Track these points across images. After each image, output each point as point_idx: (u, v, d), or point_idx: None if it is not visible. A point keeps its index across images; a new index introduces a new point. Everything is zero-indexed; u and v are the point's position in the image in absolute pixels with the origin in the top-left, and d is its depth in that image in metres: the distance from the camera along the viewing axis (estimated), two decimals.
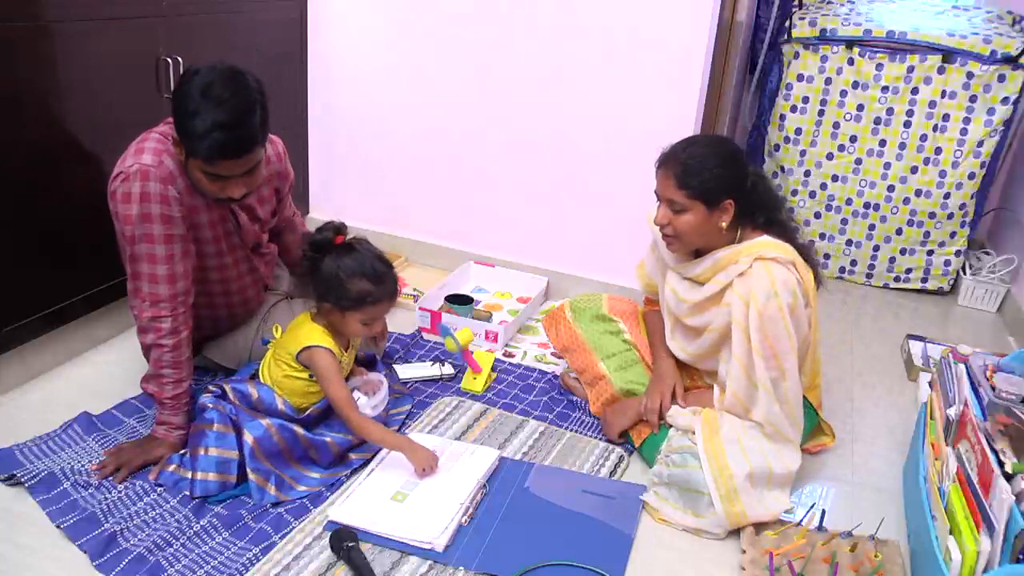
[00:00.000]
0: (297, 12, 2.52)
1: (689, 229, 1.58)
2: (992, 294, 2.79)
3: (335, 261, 1.57)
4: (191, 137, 1.46)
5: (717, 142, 1.60)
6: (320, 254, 1.59)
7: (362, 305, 1.58)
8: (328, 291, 1.58)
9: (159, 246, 1.54)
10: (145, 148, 1.54)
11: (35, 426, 1.68)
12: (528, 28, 2.32)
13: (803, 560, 1.41)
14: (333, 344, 1.61)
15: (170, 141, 1.56)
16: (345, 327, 1.62)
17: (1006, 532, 1.16)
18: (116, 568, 1.32)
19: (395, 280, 1.64)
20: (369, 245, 1.64)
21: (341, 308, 1.59)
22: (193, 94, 1.45)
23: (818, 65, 2.77)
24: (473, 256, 2.64)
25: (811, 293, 1.61)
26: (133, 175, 1.50)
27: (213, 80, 1.46)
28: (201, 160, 1.49)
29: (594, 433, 1.83)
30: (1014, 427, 1.31)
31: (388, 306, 1.63)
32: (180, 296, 1.59)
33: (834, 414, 1.99)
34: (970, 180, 2.70)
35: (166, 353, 1.58)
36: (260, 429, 1.55)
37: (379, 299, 1.59)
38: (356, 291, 1.57)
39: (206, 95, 1.45)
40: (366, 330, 1.63)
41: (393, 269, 1.65)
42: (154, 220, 1.52)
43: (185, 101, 1.46)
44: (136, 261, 1.54)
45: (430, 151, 2.59)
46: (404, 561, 1.39)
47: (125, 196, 1.51)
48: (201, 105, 1.44)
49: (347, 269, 1.57)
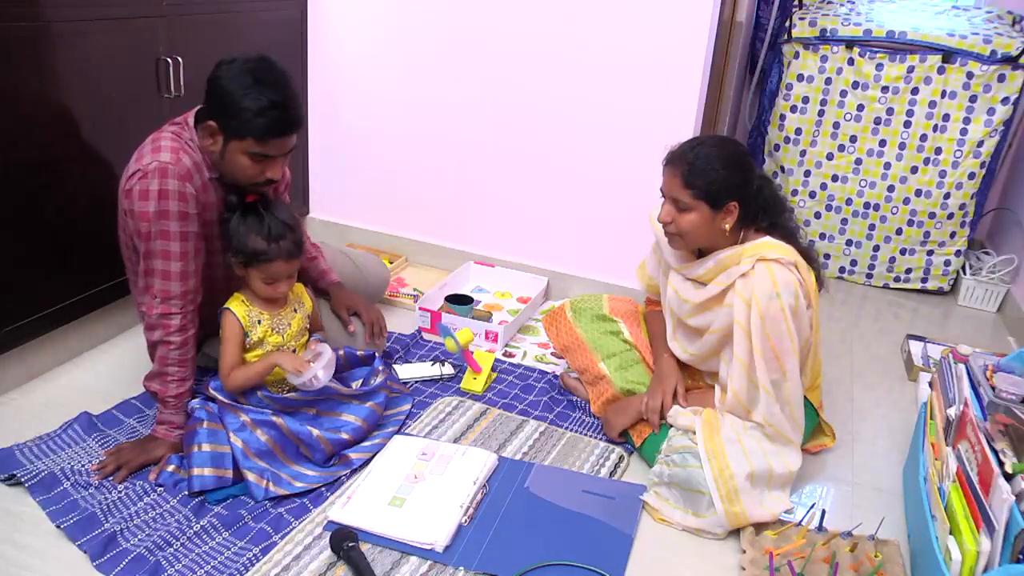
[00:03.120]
0: (297, 12, 2.52)
1: (692, 228, 1.58)
2: (992, 294, 2.79)
3: (239, 219, 1.60)
4: (242, 118, 1.51)
5: (725, 144, 1.60)
6: (231, 213, 1.62)
7: (257, 262, 1.60)
8: (232, 247, 1.61)
9: (174, 243, 1.55)
10: (162, 146, 1.56)
11: (35, 426, 1.68)
12: (528, 29, 2.32)
13: (803, 560, 1.41)
14: (241, 308, 1.64)
15: (185, 138, 1.59)
16: (252, 285, 1.65)
17: (1006, 532, 1.16)
18: (116, 568, 1.32)
19: (296, 241, 1.63)
20: (280, 208, 1.64)
21: (244, 265, 1.62)
22: (240, 78, 1.51)
23: (818, 65, 2.77)
24: (473, 256, 2.64)
25: (813, 294, 1.61)
26: (152, 172, 1.52)
27: (256, 65, 1.53)
28: (252, 140, 1.53)
29: (594, 433, 1.83)
30: (1014, 427, 1.32)
31: (284, 266, 1.63)
32: (190, 294, 1.60)
33: (834, 414, 1.99)
34: (970, 180, 2.70)
35: (173, 350, 1.59)
36: (245, 431, 1.56)
37: (272, 257, 1.60)
38: (251, 247, 1.59)
39: (256, 77, 1.52)
40: (271, 290, 1.64)
41: (296, 230, 1.64)
42: (171, 217, 1.54)
43: (232, 85, 1.51)
44: (150, 257, 1.56)
45: (430, 151, 2.59)
46: (404, 561, 1.39)
47: (143, 193, 1.52)
48: (253, 86, 1.51)
49: (246, 225, 1.59)
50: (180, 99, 2.02)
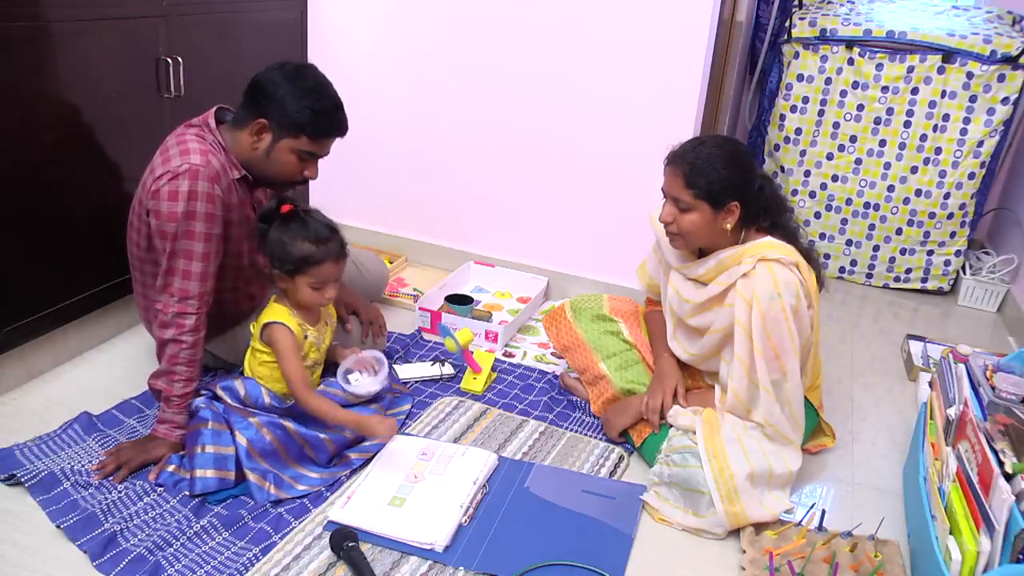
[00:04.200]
0: (297, 12, 2.52)
1: (693, 228, 1.58)
2: (992, 294, 2.79)
3: (280, 228, 1.60)
4: (301, 117, 1.60)
5: (727, 143, 1.60)
6: (267, 224, 1.62)
7: (306, 267, 1.59)
8: (274, 258, 1.60)
9: (198, 243, 1.57)
10: (190, 148, 1.59)
11: (35, 426, 1.68)
12: (528, 28, 2.32)
13: (803, 560, 1.41)
14: (292, 321, 1.62)
15: (209, 140, 1.62)
16: (298, 296, 1.63)
17: (1006, 532, 1.16)
18: (116, 568, 1.32)
19: (340, 242, 1.64)
20: (317, 213, 1.65)
21: (289, 274, 1.61)
22: (297, 80, 1.61)
23: (818, 65, 2.77)
24: (473, 256, 2.64)
25: (813, 294, 1.61)
26: (183, 174, 1.55)
27: (306, 70, 1.65)
28: (307, 138, 1.62)
29: (594, 433, 1.83)
30: (1014, 427, 1.32)
31: (334, 268, 1.63)
32: (206, 295, 1.62)
33: (834, 414, 1.99)
34: (970, 180, 2.70)
35: (184, 350, 1.59)
36: (251, 430, 1.56)
37: (322, 259, 1.60)
38: (298, 253, 1.58)
39: (318, 81, 1.64)
40: (318, 296, 1.63)
41: (339, 232, 1.65)
42: (198, 218, 1.56)
43: (289, 86, 1.60)
44: (173, 257, 1.57)
45: (430, 151, 2.59)
46: (404, 561, 1.39)
47: (172, 194, 1.54)
48: (317, 88, 1.63)
49: (290, 232, 1.59)
50: (180, 99, 2.02)
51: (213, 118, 1.67)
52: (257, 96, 1.62)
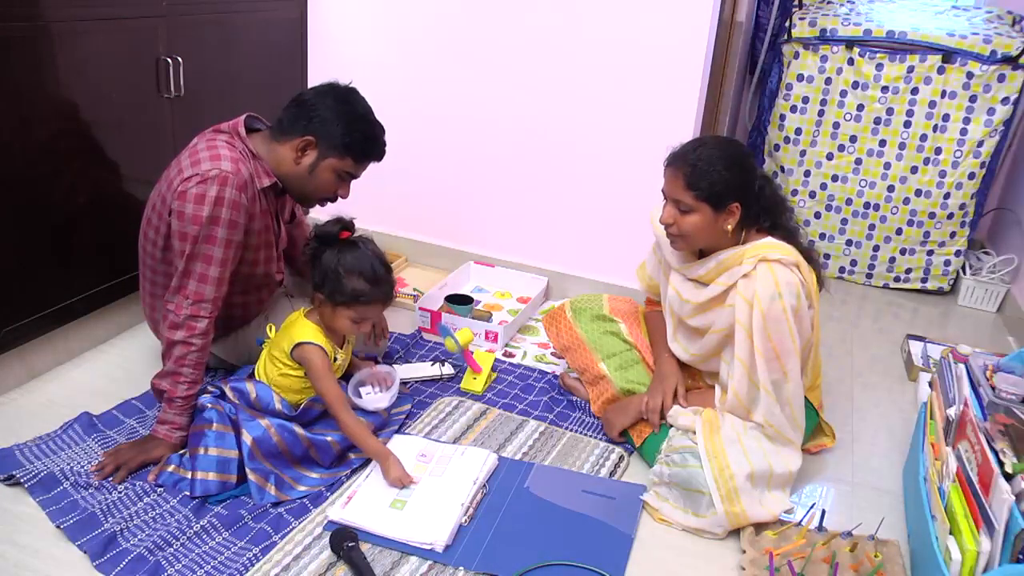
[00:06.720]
0: (297, 12, 2.52)
1: (694, 230, 1.58)
2: (992, 294, 2.79)
3: (336, 255, 1.59)
4: (351, 140, 1.65)
5: (728, 145, 1.60)
6: (323, 246, 1.61)
7: (355, 303, 1.59)
8: (324, 283, 1.60)
9: (218, 249, 1.58)
10: (221, 155, 1.59)
11: (35, 426, 1.68)
12: (528, 28, 2.32)
13: (803, 560, 1.41)
14: (325, 341, 1.62)
15: (239, 148, 1.63)
16: (335, 322, 1.63)
17: (1006, 532, 1.16)
18: (116, 568, 1.32)
19: (392, 284, 1.65)
20: (373, 246, 1.65)
21: (334, 302, 1.60)
22: (353, 106, 1.67)
23: (818, 65, 2.77)
24: (473, 256, 2.64)
25: (814, 295, 1.61)
26: (212, 179, 1.55)
27: (356, 95, 1.70)
28: (351, 160, 1.68)
29: (594, 433, 1.83)
30: (1014, 427, 1.32)
31: (380, 309, 1.64)
32: (219, 300, 1.62)
33: (834, 414, 1.99)
34: (970, 180, 2.70)
35: (193, 353, 1.59)
36: (259, 430, 1.55)
37: (372, 300, 1.60)
38: (351, 288, 1.58)
39: (367, 107, 1.70)
40: (355, 328, 1.64)
41: (392, 273, 1.65)
42: (221, 224, 1.57)
43: (344, 108, 1.65)
44: (192, 260, 1.57)
45: (430, 151, 2.59)
46: (404, 561, 1.39)
47: (199, 197, 1.55)
48: (367, 115, 1.69)
49: (346, 265, 1.58)
50: (180, 99, 2.02)
51: (243, 126, 1.67)
52: (307, 113, 1.64)
